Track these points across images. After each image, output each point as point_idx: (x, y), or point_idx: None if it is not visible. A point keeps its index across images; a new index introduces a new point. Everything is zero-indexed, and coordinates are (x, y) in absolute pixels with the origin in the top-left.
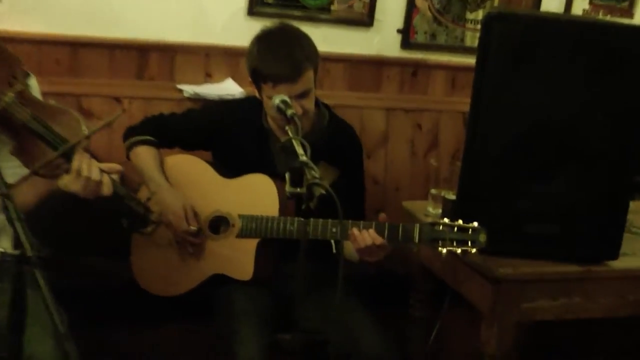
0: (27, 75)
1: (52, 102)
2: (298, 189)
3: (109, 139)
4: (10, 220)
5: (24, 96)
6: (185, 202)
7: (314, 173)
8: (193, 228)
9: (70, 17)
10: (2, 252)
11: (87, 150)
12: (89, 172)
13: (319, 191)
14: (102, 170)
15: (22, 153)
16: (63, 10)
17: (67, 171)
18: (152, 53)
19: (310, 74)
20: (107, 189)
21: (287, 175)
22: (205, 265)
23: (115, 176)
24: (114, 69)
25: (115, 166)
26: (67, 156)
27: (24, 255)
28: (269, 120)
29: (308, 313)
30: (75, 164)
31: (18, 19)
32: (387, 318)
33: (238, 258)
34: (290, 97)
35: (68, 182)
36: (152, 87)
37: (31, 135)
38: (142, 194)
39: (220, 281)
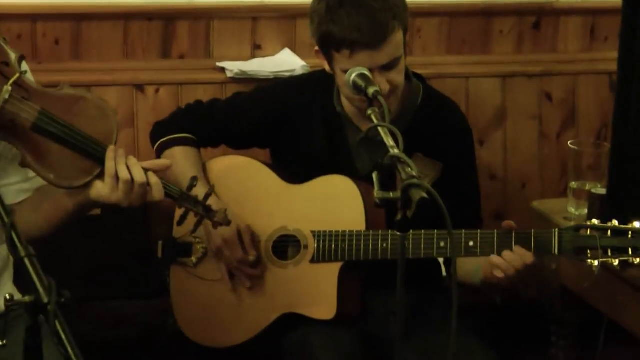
0: (20, 58)
1: (62, 88)
2: (391, 193)
3: (132, 138)
4: (17, 258)
5: (24, 86)
6: (238, 221)
7: (410, 170)
8: (251, 257)
9: None
10: (7, 300)
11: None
12: (130, 174)
13: (419, 194)
14: (146, 169)
15: (33, 162)
16: None
17: (99, 176)
18: (179, 22)
19: (399, 36)
20: (157, 192)
21: (374, 176)
22: (272, 303)
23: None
24: (131, 47)
25: (162, 162)
26: (97, 158)
27: (38, 303)
28: (343, 102)
29: None
30: (109, 165)
31: None
32: None
33: (315, 290)
34: (372, 70)
35: (105, 192)
36: (183, 67)
37: (43, 137)
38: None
39: (292, 322)
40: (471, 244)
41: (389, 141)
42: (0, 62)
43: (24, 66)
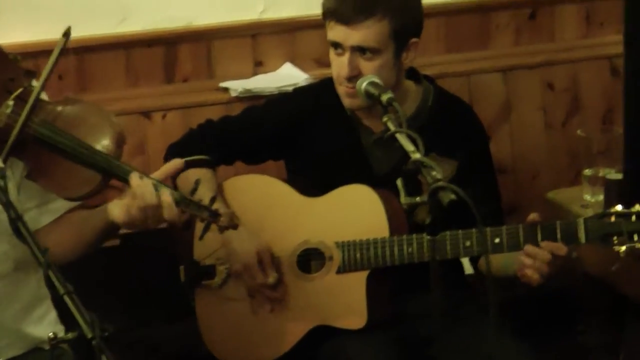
0: (29, 73)
1: (65, 100)
2: (417, 198)
3: (143, 165)
4: (56, 297)
5: (27, 99)
6: (258, 242)
7: (436, 174)
8: (271, 279)
9: (67, 17)
10: (52, 338)
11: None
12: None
13: (448, 197)
14: (160, 183)
15: (40, 176)
16: (58, 10)
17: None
18: (180, 45)
19: (380, 27)
20: (168, 212)
21: (399, 183)
22: (302, 317)
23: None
24: (134, 74)
25: (173, 164)
26: (97, 166)
27: (82, 338)
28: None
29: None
30: (132, 186)
31: (4, 29)
32: (552, 351)
33: (344, 300)
34: (344, 48)
35: (117, 212)
36: (187, 90)
37: (45, 149)
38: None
39: (325, 335)
40: (497, 240)
41: (409, 146)
42: (7, 78)
43: (35, 82)
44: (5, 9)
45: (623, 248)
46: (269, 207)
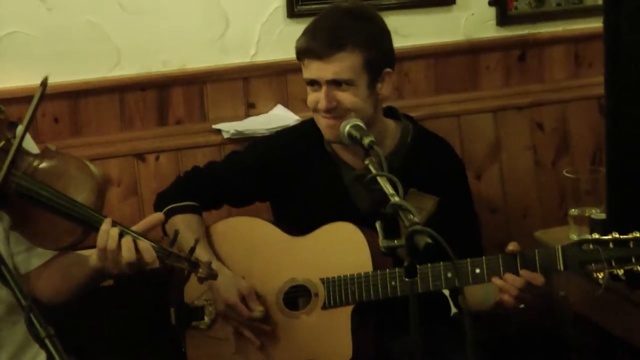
0: (11, 125)
1: (46, 151)
2: (395, 241)
3: (136, 206)
4: (38, 339)
5: (10, 150)
6: (239, 283)
7: (412, 217)
8: (257, 313)
9: (62, 62)
10: None
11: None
12: (108, 243)
13: (424, 240)
14: (138, 235)
15: (22, 227)
16: (52, 55)
17: (84, 236)
18: (173, 88)
19: (352, 59)
20: (149, 257)
21: (377, 225)
22: (290, 354)
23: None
24: (128, 117)
25: (154, 217)
26: (76, 218)
27: None
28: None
29: None
30: (99, 237)
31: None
32: None
33: (330, 336)
34: (320, 83)
35: (95, 261)
36: (180, 133)
37: (27, 202)
38: None
39: None
40: (477, 271)
41: (389, 189)
42: None
43: (18, 132)
44: (1, 54)
45: (602, 275)
46: (256, 248)
